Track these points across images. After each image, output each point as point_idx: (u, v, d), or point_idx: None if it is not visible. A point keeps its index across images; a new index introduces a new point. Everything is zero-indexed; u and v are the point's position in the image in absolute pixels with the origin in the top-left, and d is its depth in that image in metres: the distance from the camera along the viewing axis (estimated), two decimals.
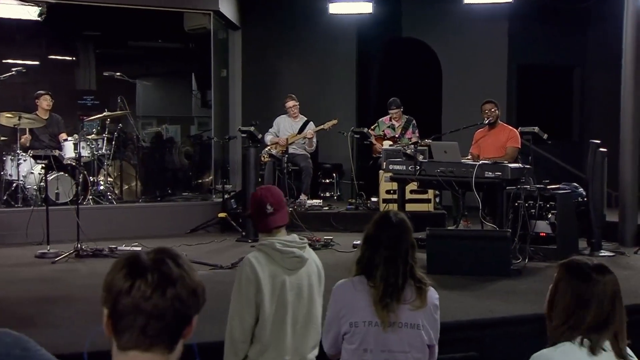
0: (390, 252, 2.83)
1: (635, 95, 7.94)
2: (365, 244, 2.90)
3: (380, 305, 2.78)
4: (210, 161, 10.58)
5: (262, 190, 3.26)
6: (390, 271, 2.81)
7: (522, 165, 7.27)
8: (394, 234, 2.87)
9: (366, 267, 2.85)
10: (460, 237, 6.52)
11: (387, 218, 2.92)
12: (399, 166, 7.76)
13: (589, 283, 2.28)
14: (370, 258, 2.85)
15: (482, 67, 11.62)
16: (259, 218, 3.23)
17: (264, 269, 3.08)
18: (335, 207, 9.67)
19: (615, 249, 7.55)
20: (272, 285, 3.07)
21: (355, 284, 2.85)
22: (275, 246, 3.14)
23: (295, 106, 9.79)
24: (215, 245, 8.07)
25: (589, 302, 2.26)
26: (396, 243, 2.86)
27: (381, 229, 2.89)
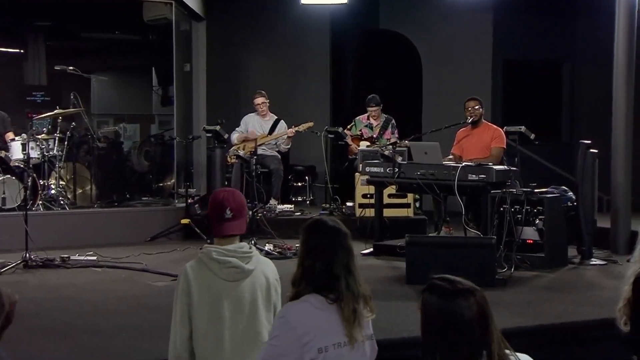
0: (346, 259, 2.80)
1: (627, 92, 8.03)
2: (312, 257, 2.79)
3: (349, 321, 2.74)
4: (172, 163, 10.53)
5: (225, 193, 3.23)
6: (350, 280, 2.78)
7: (507, 167, 7.33)
8: (342, 239, 2.84)
9: (320, 283, 2.76)
10: (442, 245, 6.55)
11: (328, 224, 2.87)
12: (377, 168, 7.78)
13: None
14: (325, 271, 2.76)
15: (465, 62, 11.70)
16: (215, 221, 3.21)
17: (199, 279, 3.09)
18: (308, 212, 9.66)
19: (607, 257, 7.64)
20: (205, 298, 3.07)
21: (315, 304, 2.73)
22: (212, 255, 3.13)
23: (265, 103, 9.79)
24: (177, 254, 8.02)
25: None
26: (348, 249, 2.83)
27: (328, 236, 2.83)
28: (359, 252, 7.87)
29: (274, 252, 7.79)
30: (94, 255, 7.62)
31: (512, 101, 11.87)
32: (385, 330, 4.76)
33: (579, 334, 5.24)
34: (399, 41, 12.25)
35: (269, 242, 8.10)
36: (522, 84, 11.96)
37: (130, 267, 7.26)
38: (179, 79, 10.53)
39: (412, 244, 6.50)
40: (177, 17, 10.21)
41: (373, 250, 7.82)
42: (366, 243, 7.96)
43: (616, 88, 8.11)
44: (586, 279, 6.83)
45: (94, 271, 7.16)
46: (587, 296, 5.99)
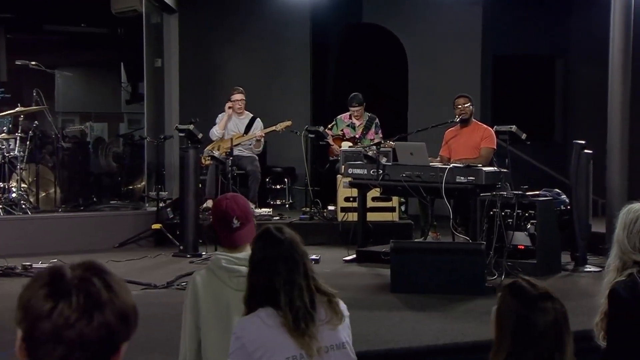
0: (288, 271, 2.80)
1: (623, 90, 8.09)
2: (256, 272, 2.84)
3: (297, 334, 2.75)
4: (142, 164, 10.49)
5: (228, 201, 3.25)
6: (295, 293, 2.78)
7: (498, 169, 7.36)
8: (285, 249, 2.85)
9: (267, 297, 2.79)
10: (429, 251, 6.57)
11: (271, 235, 2.89)
12: (360, 170, 7.79)
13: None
14: (268, 285, 2.79)
15: (453, 58, 11.75)
16: (223, 234, 3.24)
17: (207, 288, 3.13)
18: (287, 216, 9.66)
19: (602, 264, 7.68)
20: (214, 307, 3.11)
21: (264, 318, 2.77)
22: (221, 263, 3.17)
23: (243, 101, 9.78)
24: (148, 262, 8.00)
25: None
26: (291, 259, 2.83)
27: (269, 247, 2.85)
28: (342, 259, 7.88)
29: None
30: (58, 262, 7.55)
31: (503, 99, 11.94)
32: (369, 342, 4.77)
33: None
34: (383, 36, 12.29)
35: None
36: (513, 81, 12.03)
37: None
38: (150, 75, 10.50)
39: (397, 250, 6.51)
40: (147, 9, 10.17)
41: (356, 256, 7.83)
42: (349, 249, 7.97)
43: (612, 85, 8.16)
44: (580, 286, 6.87)
45: None
46: (582, 305, 6.01)
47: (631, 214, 3.29)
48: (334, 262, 7.80)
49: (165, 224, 8.97)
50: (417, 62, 12.14)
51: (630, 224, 3.25)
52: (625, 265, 3.24)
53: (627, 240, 3.22)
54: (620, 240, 3.25)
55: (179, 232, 8.60)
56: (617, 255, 3.26)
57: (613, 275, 3.27)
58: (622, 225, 3.28)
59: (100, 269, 1.61)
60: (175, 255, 8.20)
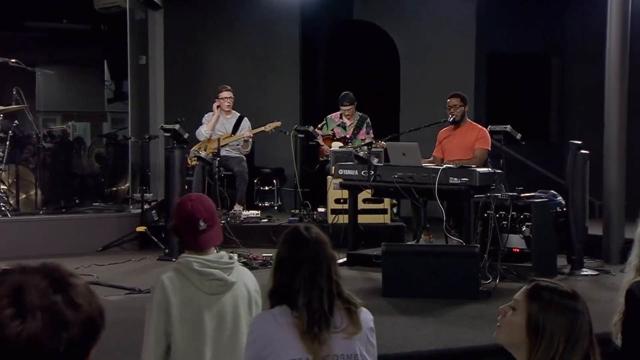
0: (310, 272, 2.84)
1: (621, 89, 8.13)
2: (280, 269, 2.91)
3: (308, 337, 2.77)
4: (126, 165, 10.47)
5: (193, 202, 3.21)
6: (314, 295, 2.81)
7: (492, 170, 7.38)
8: (311, 250, 2.89)
9: (285, 296, 2.85)
10: (421, 254, 6.58)
11: (299, 234, 2.94)
12: (350, 171, 7.80)
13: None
14: (288, 284, 2.85)
15: (446, 56, 11.77)
16: (189, 235, 3.20)
17: (177, 292, 3.09)
18: (275, 219, 9.66)
19: (599, 267, 7.72)
20: (185, 312, 3.08)
21: (277, 316, 2.83)
22: (193, 266, 3.13)
23: (230, 99, 9.78)
24: (132, 265, 7.98)
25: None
26: (316, 261, 2.87)
27: (295, 247, 2.90)
28: None
29: (239, 262, 7.76)
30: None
31: (497, 98, 11.96)
32: None
33: None
34: (374, 33, 12.30)
35: (234, 252, 8.07)
36: (507, 79, 12.05)
37: None
38: (134, 72, 10.47)
39: (389, 253, 6.52)
40: (131, 5, 10.15)
41: (346, 260, 7.84)
42: (339, 252, 7.94)
43: (608, 84, 8.20)
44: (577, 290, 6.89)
45: None
46: None
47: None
48: None
49: (150, 227, 8.96)
50: (410, 60, 12.16)
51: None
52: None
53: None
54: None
55: (164, 235, 8.59)
56: (637, 255, 3.29)
57: (632, 275, 3.30)
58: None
59: (63, 282, 1.60)
60: (161, 259, 8.18)
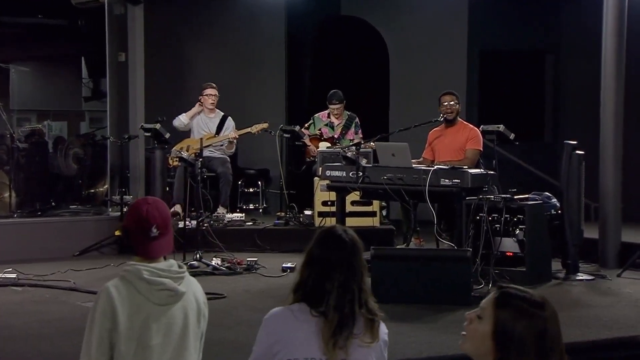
0: (345, 276, 2.90)
1: (617, 87, 8.15)
2: (310, 267, 2.95)
3: (332, 340, 2.83)
4: (105, 166, 10.44)
5: (149, 206, 3.15)
6: (346, 299, 2.88)
7: (484, 171, 7.40)
8: (347, 254, 2.96)
9: (311, 294, 2.90)
10: (411, 258, 6.58)
11: (336, 236, 3.00)
12: (338, 172, 7.80)
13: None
14: (317, 284, 2.90)
15: (437, 53, 11.80)
16: (138, 241, 3.14)
17: (125, 302, 3.04)
18: (260, 222, 9.66)
19: (595, 272, 7.74)
20: (132, 323, 3.04)
21: (296, 312, 2.89)
22: (142, 275, 3.07)
23: (215, 97, 9.79)
24: (111, 270, 7.94)
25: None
26: (350, 265, 2.94)
27: (331, 248, 2.96)
28: None
29: (222, 267, 7.77)
30: (13, 272, 7.51)
31: (490, 97, 11.99)
32: None
33: None
34: (363, 29, 12.31)
35: (217, 256, 8.07)
36: (500, 77, 12.09)
37: (56, 285, 7.17)
38: (113, 70, 10.45)
39: (378, 258, 6.53)
40: (110, 0, 10.12)
41: None
42: None
43: (604, 83, 8.23)
44: (572, 296, 6.92)
45: (14, 290, 7.06)
46: (573, 316, 6.07)
47: None
48: None
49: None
50: (400, 58, 12.17)
51: None
52: None
53: None
54: None
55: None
56: None
57: None
58: None
59: None
60: None
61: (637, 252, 7.68)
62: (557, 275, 7.48)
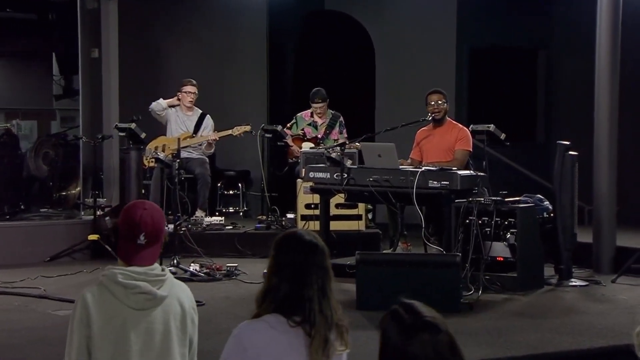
0: (323, 280, 2.89)
1: (612, 85, 8.19)
2: (280, 274, 2.91)
3: (317, 349, 2.82)
4: (77, 168, 10.39)
5: (143, 212, 3.15)
6: (327, 304, 2.88)
7: (474, 173, 7.42)
8: (321, 257, 2.93)
9: (285, 304, 2.86)
10: (398, 263, 6.59)
11: (305, 239, 2.96)
12: (322, 174, 7.80)
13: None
14: (292, 291, 2.86)
15: (425, 50, 11.82)
16: (124, 244, 3.16)
17: (100, 307, 3.06)
18: (240, 226, 9.65)
19: (588, 277, 7.78)
20: (108, 329, 3.05)
21: (272, 324, 2.84)
22: (117, 278, 3.08)
23: (195, 94, 9.78)
24: (84, 277, 7.93)
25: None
26: (326, 269, 2.92)
27: (303, 252, 2.92)
28: None
29: (201, 273, 7.75)
30: None
31: (480, 95, 12.03)
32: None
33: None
34: (348, 25, 12.33)
35: (195, 262, 8.05)
36: (491, 75, 12.13)
37: (26, 293, 7.14)
38: (85, 66, 10.41)
39: (364, 263, 6.54)
40: None
41: None
42: None
43: (598, 81, 8.27)
44: (565, 302, 6.95)
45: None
46: (566, 323, 6.10)
47: None
48: None
49: (103, 235, 8.90)
50: (386, 54, 12.19)
51: None
52: None
53: None
54: None
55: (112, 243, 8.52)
56: None
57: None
58: None
59: None
60: None
61: (632, 257, 7.71)
62: (550, 281, 7.51)
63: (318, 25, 12.67)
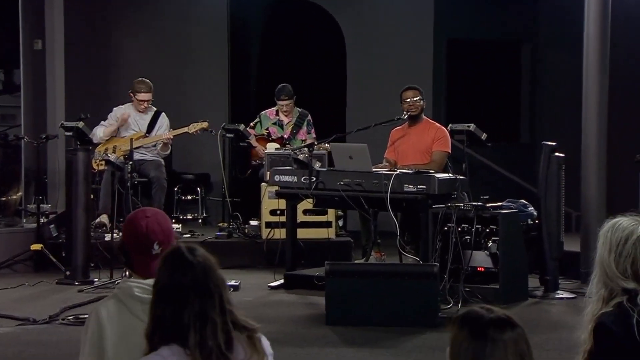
0: (200, 303, 2.80)
1: (601, 82, 8.23)
2: (161, 301, 2.83)
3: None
4: (18, 170, 10.32)
5: (148, 221, 3.16)
6: (206, 331, 2.79)
7: (453, 176, 7.46)
8: (198, 277, 2.84)
9: (174, 331, 2.79)
10: (371, 275, 6.61)
11: (181, 257, 2.86)
12: (288, 177, 7.80)
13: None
14: (174, 318, 2.80)
15: (399, 43, 11.85)
16: (139, 259, 3.16)
17: (114, 324, 3.06)
18: (199, 234, 9.63)
19: (576, 289, 7.82)
20: (122, 346, 3.05)
21: (168, 357, 2.77)
22: (134, 292, 3.09)
23: (150, 101, 9.73)
24: (26, 290, 7.88)
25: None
26: (205, 290, 2.83)
27: (179, 273, 2.84)
28: (266, 285, 7.86)
29: None
30: None
31: (459, 92, 12.08)
32: None
33: None
34: (317, 15, 12.33)
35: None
36: (471, 70, 12.18)
37: None
38: (28, 59, 10.35)
39: (334, 274, 6.54)
40: None
41: (284, 281, 7.83)
42: (275, 273, 7.96)
43: (587, 76, 8.31)
44: (551, 316, 7.00)
45: None
46: (552, 338, 6.14)
47: (618, 233, 3.22)
48: (257, 289, 7.79)
49: (47, 244, 8.84)
50: (357, 47, 12.21)
51: (619, 245, 3.16)
52: (612, 294, 3.16)
53: (614, 264, 3.14)
54: (606, 264, 3.15)
55: (64, 253, 8.48)
56: (602, 282, 3.17)
57: (597, 305, 3.18)
58: (606, 246, 3.19)
59: None
60: (60, 283, 8.09)
61: None
62: (535, 293, 7.54)
63: (284, 16, 12.66)
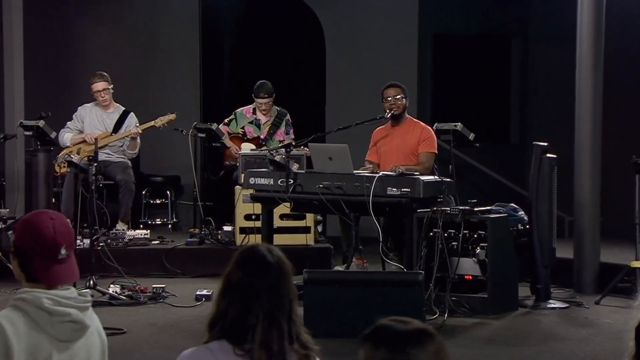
0: (270, 306, 2.89)
1: (595, 79, 8.27)
2: (229, 296, 2.93)
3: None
4: None
5: (54, 222, 3.11)
6: (273, 334, 2.88)
7: (439, 179, 7.47)
8: (272, 279, 2.93)
9: (232, 329, 2.89)
10: (352, 283, 6.62)
11: (259, 257, 2.97)
12: (265, 180, 7.80)
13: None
14: (239, 316, 2.89)
15: (382, 38, 11.86)
16: (41, 264, 3.08)
17: (21, 338, 2.99)
18: (169, 240, 9.60)
19: (569, 298, 7.85)
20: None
21: (216, 352, 2.87)
22: (43, 304, 3.01)
23: (107, 90, 9.69)
24: None
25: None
26: (277, 293, 2.92)
27: (253, 272, 2.93)
28: None
29: (122, 295, 7.69)
30: None
31: (445, 90, 12.11)
32: None
33: None
34: (295, 9, 12.34)
35: (115, 283, 7.99)
36: (458, 66, 12.21)
37: None
38: None
39: (312, 282, 6.54)
40: None
41: None
42: None
43: (580, 73, 8.35)
44: (543, 327, 7.01)
45: None
46: (544, 350, 6.16)
47: None
48: None
49: (5, 252, 8.80)
50: (337, 43, 12.21)
51: None
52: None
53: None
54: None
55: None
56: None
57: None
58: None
59: None
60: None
61: (618, 274, 7.80)
62: (525, 303, 7.57)
63: (260, 8, 12.66)
